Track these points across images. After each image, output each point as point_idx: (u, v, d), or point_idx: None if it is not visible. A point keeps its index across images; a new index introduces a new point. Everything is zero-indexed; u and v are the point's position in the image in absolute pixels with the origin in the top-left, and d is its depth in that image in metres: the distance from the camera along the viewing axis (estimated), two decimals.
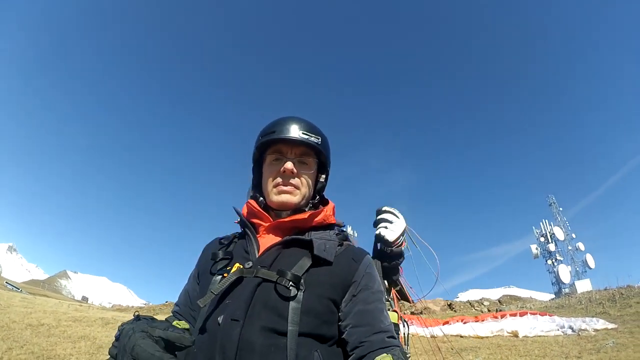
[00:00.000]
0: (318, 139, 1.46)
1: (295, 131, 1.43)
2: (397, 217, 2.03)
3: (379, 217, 2.04)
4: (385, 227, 1.98)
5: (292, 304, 1.20)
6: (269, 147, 1.48)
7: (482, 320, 17.31)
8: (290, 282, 1.22)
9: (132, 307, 38.62)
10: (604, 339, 12.26)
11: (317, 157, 1.50)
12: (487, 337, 14.73)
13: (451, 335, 14.75)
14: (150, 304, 40.87)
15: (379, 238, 1.97)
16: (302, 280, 1.24)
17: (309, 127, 1.47)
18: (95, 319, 15.68)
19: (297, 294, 1.22)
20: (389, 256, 1.97)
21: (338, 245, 1.40)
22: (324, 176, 1.56)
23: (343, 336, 1.27)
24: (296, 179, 1.44)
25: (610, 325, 14.53)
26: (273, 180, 1.45)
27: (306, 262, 1.31)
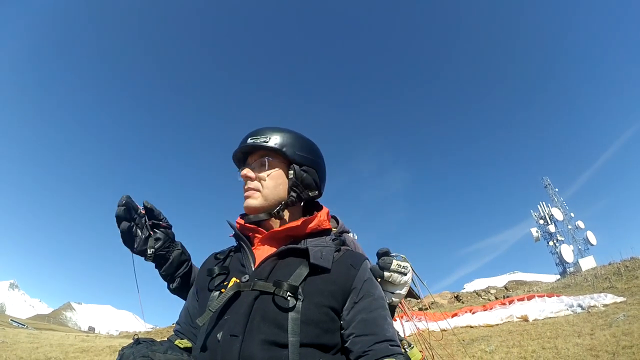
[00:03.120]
0: (266, 137, 1.43)
1: (244, 141, 1.47)
2: (405, 273, 1.62)
3: (390, 269, 1.58)
4: (392, 293, 1.60)
5: (291, 314, 1.18)
6: (243, 164, 1.52)
7: (491, 309, 17.35)
8: (288, 293, 1.20)
9: (140, 332, 38.29)
10: (615, 313, 12.31)
11: (277, 155, 1.45)
12: (497, 324, 14.79)
13: (461, 327, 14.75)
14: (158, 327, 40.49)
15: (386, 282, 1.59)
16: (299, 290, 1.22)
17: (260, 131, 1.46)
18: (102, 347, 15.60)
19: (295, 304, 1.20)
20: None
21: (335, 251, 1.37)
22: (291, 172, 1.44)
23: (346, 345, 1.25)
24: (255, 182, 1.43)
25: (619, 299, 14.62)
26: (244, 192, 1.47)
27: (303, 271, 1.28)
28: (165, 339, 1.38)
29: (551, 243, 43.46)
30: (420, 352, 1.48)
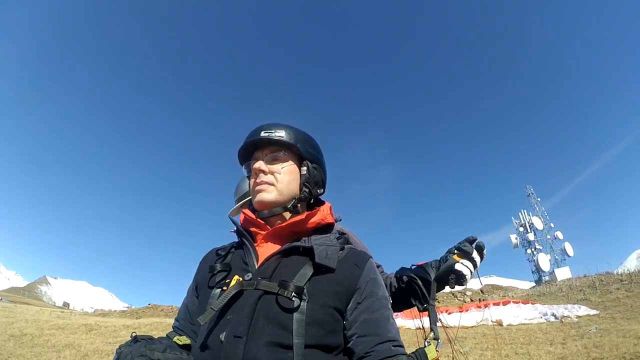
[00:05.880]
0: (281, 132, 1.42)
1: (257, 134, 1.43)
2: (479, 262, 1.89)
3: (473, 254, 1.86)
4: (471, 271, 1.85)
5: (296, 315, 1.16)
6: (248, 159, 1.49)
7: (466, 310, 17.55)
8: (293, 294, 1.18)
9: (115, 311, 37.94)
10: (587, 325, 12.63)
11: (290, 151, 1.45)
12: (472, 326, 14.98)
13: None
14: (133, 307, 40.21)
15: (458, 272, 1.83)
16: (304, 291, 1.20)
17: (271, 126, 1.44)
18: (78, 325, 15.45)
19: (300, 305, 1.17)
20: (445, 284, 1.88)
21: (339, 250, 1.36)
22: (304, 169, 1.46)
23: (349, 345, 1.23)
24: (268, 175, 1.40)
25: (592, 312, 14.97)
26: (252, 185, 1.43)
27: (308, 270, 1.26)
28: (165, 335, 1.37)
29: (529, 251, 44.33)
30: (437, 351, 1.46)
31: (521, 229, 46.12)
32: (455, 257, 1.88)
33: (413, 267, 1.95)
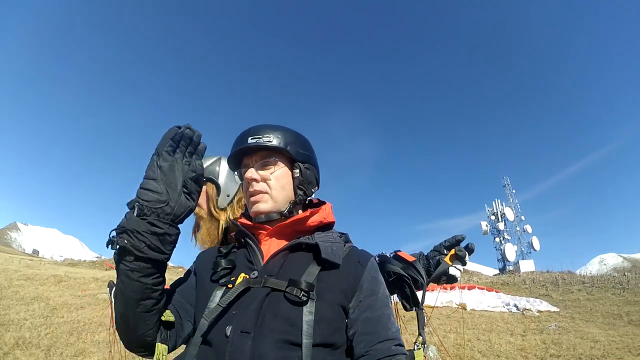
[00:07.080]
0: (269, 136, 1.37)
1: (244, 140, 1.38)
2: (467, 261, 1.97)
3: (465, 257, 1.94)
4: (461, 271, 1.92)
5: (305, 314, 1.14)
6: (238, 166, 1.47)
7: (432, 291, 17.96)
8: (302, 292, 1.15)
9: (85, 260, 37.53)
10: (547, 321, 13.22)
11: (281, 154, 1.41)
12: (436, 307, 15.32)
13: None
14: (103, 257, 39.77)
15: (451, 276, 1.90)
16: (314, 289, 1.18)
17: (259, 130, 1.40)
18: (47, 276, 15.28)
19: (308, 302, 1.16)
20: (435, 281, 1.93)
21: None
22: (297, 171, 1.43)
23: (350, 343, 1.23)
24: (261, 183, 1.37)
25: (553, 309, 15.63)
26: (247, 194, 1.42)
27: (314, 267, 1.25)
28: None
29: (497, 239, 45.64)
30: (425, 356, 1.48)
31: (492, 217, 47.29)
32: (447, 260, 1.92)
33: (392, 255, 1.92)
